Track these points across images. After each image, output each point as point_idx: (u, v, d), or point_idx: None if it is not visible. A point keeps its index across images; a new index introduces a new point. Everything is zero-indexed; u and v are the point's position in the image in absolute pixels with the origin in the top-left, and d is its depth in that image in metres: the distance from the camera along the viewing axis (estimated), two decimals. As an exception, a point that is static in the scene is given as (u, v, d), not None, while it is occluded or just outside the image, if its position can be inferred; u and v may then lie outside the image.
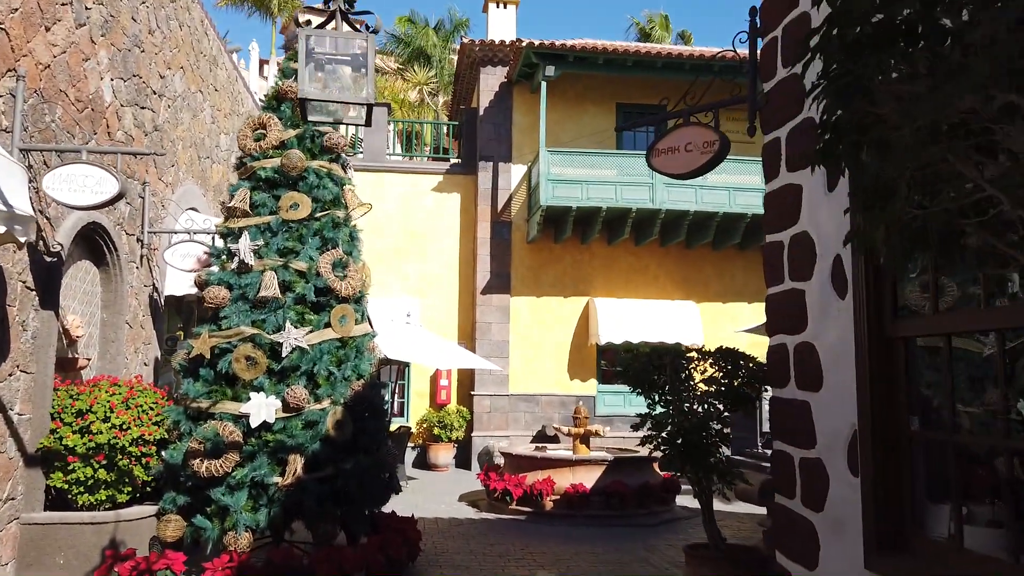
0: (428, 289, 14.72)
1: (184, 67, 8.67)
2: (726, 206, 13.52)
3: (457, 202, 15.08)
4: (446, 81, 21.90)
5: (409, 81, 22.61)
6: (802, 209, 3.77)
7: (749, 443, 14.40)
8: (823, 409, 3.52)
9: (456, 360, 11.24)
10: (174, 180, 8.51)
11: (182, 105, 8.71)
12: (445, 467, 13.66)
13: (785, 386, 3.88)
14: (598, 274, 14.74)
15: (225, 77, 10.92)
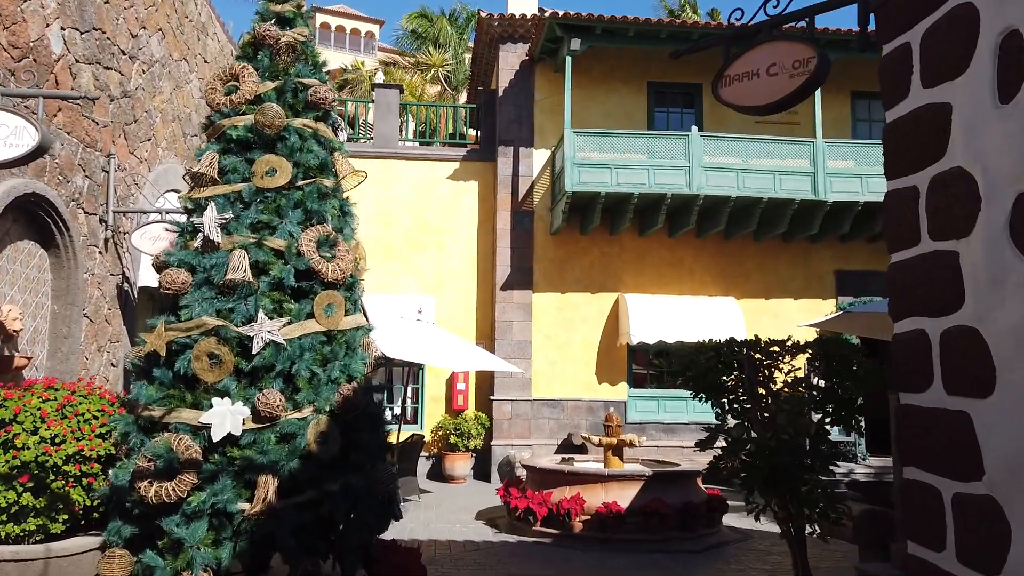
0: (443, 285, 13.70)
1: (164, 30, 7.73)
2: (771, 191, 12.34)
3: (475, 191, 14.05)
4: (462, 78, 20.94)
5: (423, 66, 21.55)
6: (952, 137, 2.66)
7: (796, 453, 13.16)
8: (995, 423, 2.41)
9: (474, 361, 10.18)
10: (151, 156, 7.56)
11: (161, 72, 7.76)
12: (462, 479, 12.61)
13: (924, 390, 2.77)
14: (628, 268, 13.61)
15: (217, 49, 9.99)
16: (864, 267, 13.93)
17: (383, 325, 9.61)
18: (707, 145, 12.40)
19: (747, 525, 9.25)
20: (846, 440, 12.92)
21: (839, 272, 13.90)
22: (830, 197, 12.34)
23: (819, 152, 12.49)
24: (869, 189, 12.50)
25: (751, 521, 9.49)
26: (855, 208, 12.49)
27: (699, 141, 12.36)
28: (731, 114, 13.37)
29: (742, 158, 12.43)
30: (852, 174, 12.54)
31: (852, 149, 12.70)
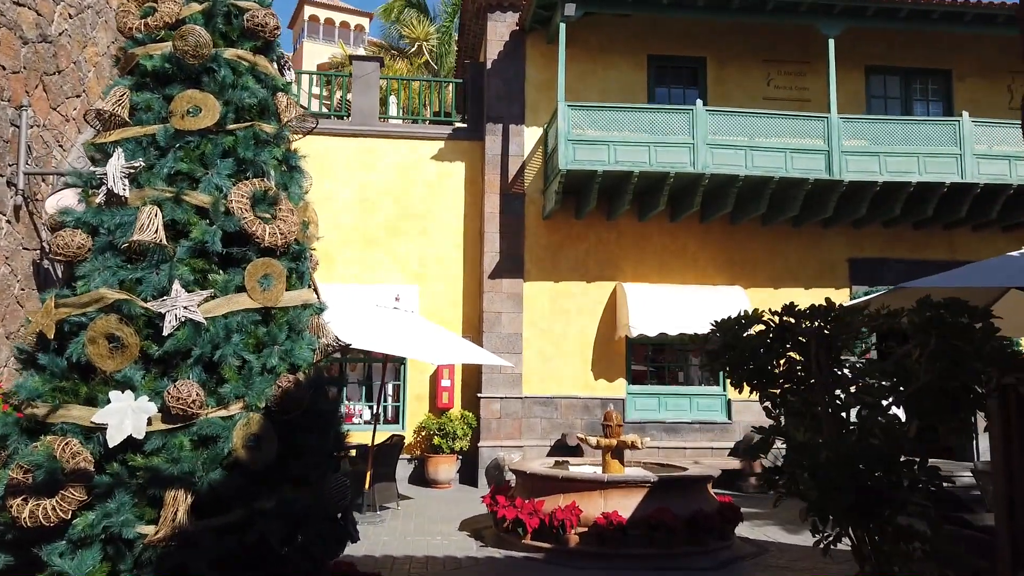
0: (427, 274, 12.76)
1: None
2: (782, 170, 11.44)
3: (461, 172, 13.10)
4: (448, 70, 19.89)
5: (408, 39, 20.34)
6: None
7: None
8: None
9: (459, 354, 9.23)
10: (81, 115, 6.56)
11: (96, 21, 6.77)
12: (446, 483, 11.67)
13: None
14: (627, 255, 12.70)
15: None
16: (879, 254, 13.07)
17: (357, 315, 8.67)
18: (713, 121, 11.50)
19: (762, 536, 8.36)
20: (862, 440, 12.02)
21: (853, 260, 13.03)
22: (846, 177, 11.45)
23: (834, 128, 11.60)
24: (887, 168, 11.63)
25: (765, 532, 8.64)
26: (873, 189, 11.61)
27: (704, 116, 11.46)
28: (737, 92, 12.47)
29: (750, 135, 11.53)
30: (869, 152, 11.66)
31: (869, 126, 11.82)
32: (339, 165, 12.81)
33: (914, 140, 11.73)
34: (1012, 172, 11.75)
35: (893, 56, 13.37)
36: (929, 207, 11.90)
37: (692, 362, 12.96)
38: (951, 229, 13.11)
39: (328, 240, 12.65)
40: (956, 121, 11.84)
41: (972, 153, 11.73)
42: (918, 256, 13.05)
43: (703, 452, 12.27)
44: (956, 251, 13.10)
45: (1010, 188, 11.67)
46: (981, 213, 12.21)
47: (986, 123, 11.90)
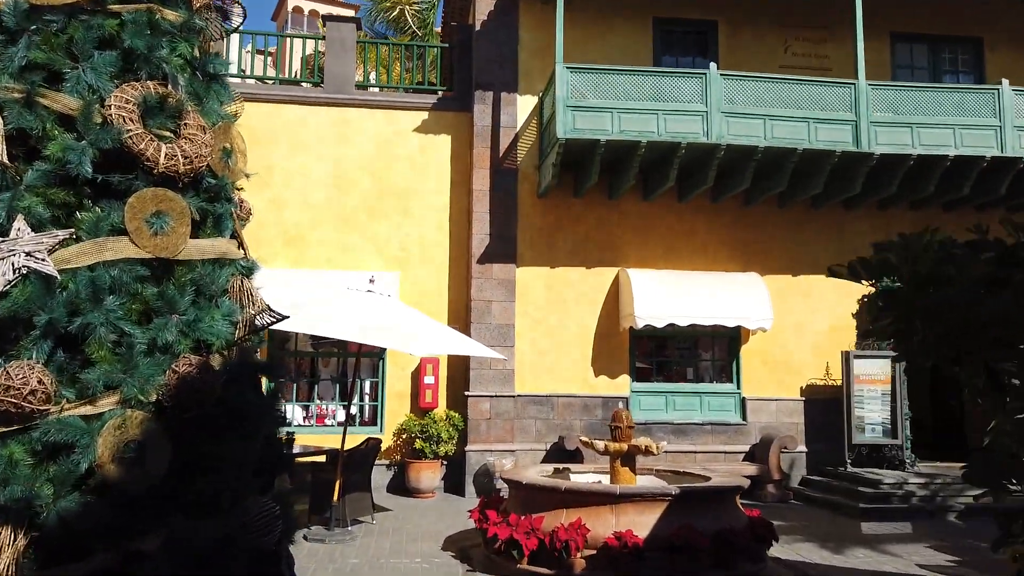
0: (410, 259, 11.59)
1: None
2: (805, 142, 10.35)
3: (447, 146, 11.95)
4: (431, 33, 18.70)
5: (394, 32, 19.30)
6: None
7: (830, 458, 11.24)
8: None
9: (445, 345, 8.00)
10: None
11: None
12: (429, 492, 10.51)
13: None
14: (631, 238, 11.59)
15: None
16: (907, 239, 11.98)
17: (326, 299, 7.51)
18: (728, 87, 10.40)
19: (795, 555, 7.26)
20: (891, 443, 11.00)
21: (878, 245, 11.90)
22: (876, 149, 10.38)
23: (862, 96, 10.53)
24: (921, 141, 10.56)
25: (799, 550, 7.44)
26: (906, 163, 10.55)
27: (719, 81, 10.35)
28: (751, 61, 11.39)
29: (768, 104, 10.43)
30: (901, 123, 10.59)
31: (899, 94, 10.75)
32: (311, 137, 11.63)
33: (948, 111, 10.68)
34: (1057, 146, 10.72)
35: (920, 23, 12.33)
36: (966, 185, 10.86)
37: (703, 357, 11.85)
38: (984, 211, 12.08)
39: (299, 220, 11.50)
40: (995, 89, 10.80)
41: (1013, 125, 10.69)
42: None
43: (715, 456, 11.17)
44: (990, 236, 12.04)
45: (1056, 163, 10.65)
46: (1021, 192, 11.18)
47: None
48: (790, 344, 11.62)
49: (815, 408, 11.48)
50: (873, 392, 11.09)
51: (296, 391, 11.40)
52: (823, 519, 9.29)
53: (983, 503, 10.08)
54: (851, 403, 10.97)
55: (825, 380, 11.59)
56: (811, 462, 11.38)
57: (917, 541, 8.02)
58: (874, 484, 10.06)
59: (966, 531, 8.67)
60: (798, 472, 11.32)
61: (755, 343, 11.55)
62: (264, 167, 11.45)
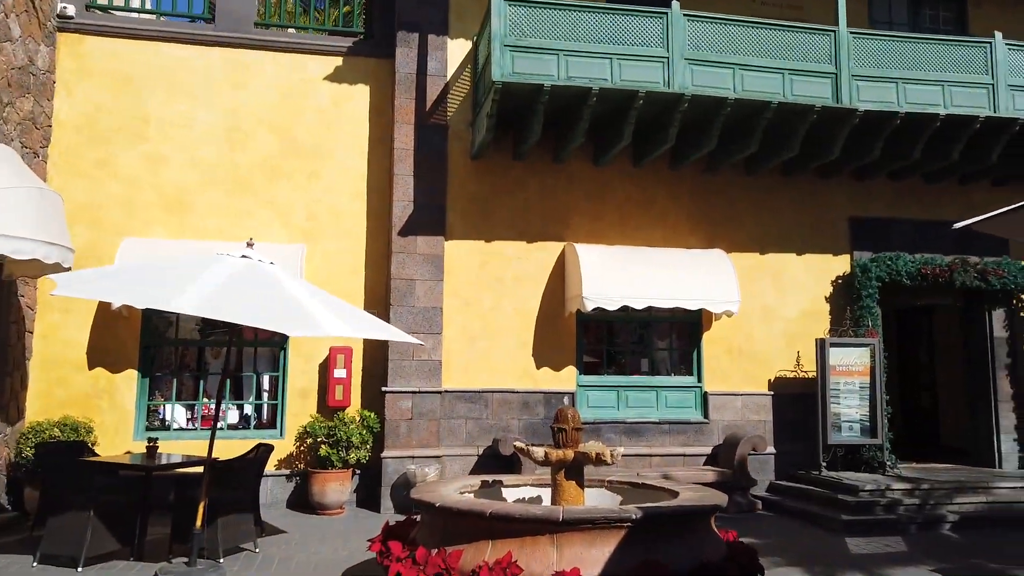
0: (319, 230, 9.95)
1: None
2: (780, 95, 9.10)
3: (365, 97, 10.33)
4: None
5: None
6: None
7: (802, 460, 10.07)
8: None
9: (355, 326, 6.32)
10: None
11: None
12: (337, 508, 8.91)
13: None
14: (580, 208, 10.20)
15: None
16: (886, 213, 10.97)
17: (187, 268, 5.85)
18: (693, 31, 9.07)
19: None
20: (870, 442, 9.88)
21: (854, 219, 10.86)
22: (859, 106, 9.21)
23: (843, 45, 9.34)
24: (907, 99, 9.44)
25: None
26: (891, 123, 9.40)
27: (682, 23, 9.01)
28: (718, 4, 10.05)
29: (739, 52, 9.16)
30: (886, 78, 9.44)
31: (884, 46, 9.59)
32: (199, 82, 9.86)
33: (936, 65, 9.59)
34: (1053, 108, 9.75)
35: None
36: (955, 150, 9.79)
37: (660, 346, 10.54)
38: (967, 184, 11.11)
39: (182, 182, 9.71)
40: (987, 43, 9.76)
41: (1007, 84, 9.67)
42: (930, 216, 10.98)
43: (673, 460, 9.89)
44: (974, 211, 10.96)
45: (1054, 126, 9.67)
46: (1013, 160, 10.20)
47: (1021, 47, 9.87)
48: (758, 331, 10.41)
49: (785, 403, 10.30)
50: (850, 385, 9.96)
51: (178, 387, 9.63)
52: (801, 534, 8.06)
53: (978, 511, 9.12)
54: (826, 398, 9.81)
55: (796, 372, 10.42)
56: (781, 465, 10.19)
57: (916, 562, 6.83)
58: (854, 491, 8.90)
59: (967, 546, 7.54)
60: (766, 476, 10.12)
61: (719, 330, 10.30)
62: (138, 117, 9.68)
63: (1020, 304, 10.92)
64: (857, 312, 10.34)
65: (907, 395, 13.93)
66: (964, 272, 10.54)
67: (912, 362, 14.06)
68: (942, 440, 12.94)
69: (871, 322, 10.26)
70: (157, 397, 9.58)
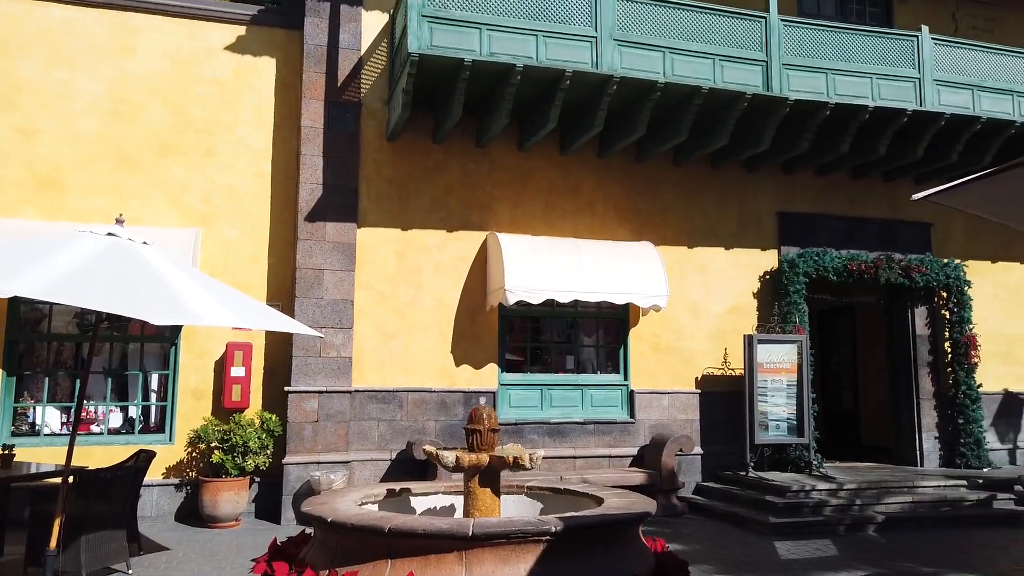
0: (215, 213, 9.10)
1: None
2: (711, 81, 8.81)
3: (271, 70, 9.53)
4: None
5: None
6: None
7: (729, 460, 9.84)
8: None
9: (240, 315, 5.60)
10: None
11: None
12: (232, 520, 8.11)
13: None
14: (503, 195, 9.68)
15: None
16: (812, 208, 10.86)
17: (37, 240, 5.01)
18: (623, 10, 8.68)
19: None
20: (797, 442, 9.72)
21: (782, 214, 10.71)
22: (790, 95, 9.01)
23: (774, 33, 9.14)
24: (837, 90, 9.31)
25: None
26: (821, 114, 9.24)
27: (611, 2, 8.61)
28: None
29: (670, 35, 8.83)
30: (816, 69, 9.29)
31: (814, 35, 9.43)
32: (79, 47, 8.87)
33: (865, 57, 9.51)
34: (976, 105, 9.81)
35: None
36: (882, 144, 9.73)
37: (586, 342, 10.12)
38: (892, 180, 11.14)
39: (58, 157, 8.69)
40: (914, 36, 9.74)
41: (933, 78, 9.67)
42: (856, 212, 10.96)
43: (598, 462, 9.49)
44: (898, 208, 11.14)
45: (976, 123, 9.71)
46: (938, 155, 10.23)
47: (948, 42, 9.90)
48: (685, 328, 10.12)
49: (713, 402, 10.05)
50: (778, 383, 9.77)
51: (51, 387, 8.62)
52: (730, 538, 7.75)
53: (903, 512, 9.05)
54: (754, 396, 9.59)
55: (724, 370, 10.18)
56: (708, 465, 9.93)
57: (847, 567, 6.58)
58: (782, 492, 8.68)
59: (895, 549, 7.37)
60: (693, 478, 9.84)
61: (646, 326, 9.96)
62: (9, 83, 8.62)
63: (942, 302, 11.00)
64: (784, 308, 10.19)
65: (829, 394, 14.00)
66: (889, 268, 10.53)
67: (834, 361, 14.14)
68: (863, 439, 13.02)
69: (798, 318, 10.11)
70: (26, 398, 8.54)
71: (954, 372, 10.78)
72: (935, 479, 9.37)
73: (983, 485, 9.46)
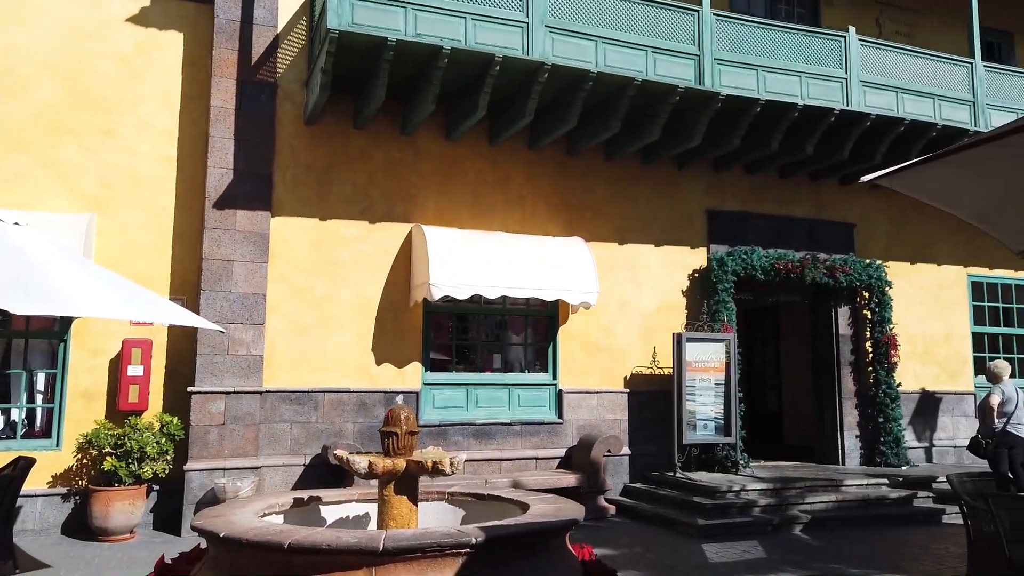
0: (114, 198, 8.40)
1: None
2: (643, 73, 8.64)
3: (178, 46, 8.87)
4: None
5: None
6: None
7: (658, 460, 9.71)
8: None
9: (124, 306, 5.07)
10: None
11: None
12: (126, 533, 7.45)
13: None
14: (429, 186, 9.28)
15: None
16: (741, 207, 10.85)
17: None
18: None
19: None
20: (725, 441, 9.66)
21: (712, 212, 10.66)
22: (721, 90, 8.92)
23: (706, 27, 9.04)
24: (767, 87, 9.29)
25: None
26: (752, 110, 9.20)
27: (543, -13, 8.33)
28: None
29: (601, 25, 8.62)
30: (747, 65, 9.25)
31: (745, 31, 9.40)
32: (-43, 10, 8.03)
33: (795, 56, 9.54)
34: (900, 107, 9.97)
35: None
36: (810, 143, 9.77)
37: (514, 340, 9.82)
38: (819, 181, 11.25)
39: (-70, 132, 7.87)
40: (842, 36, 9.83)
41: (859, 79, 9.78)
42: (784, 212, 11.02)
43: (525, 464, 9.20)
44: (823, 209, 11.26)
45: (901, 124, 9.87)
46: (863, 156, 10.36)
47: (874, 44, 10.03)
48: (615, 325, 9.94)
49: (642, 402, 9.90)
50: (706, 381, 9.69)
51: (-81, 389, 7.77)
52: (658, 541, 7.57)
53: (828, 511, 9.09)
54: (682, 395, 9.47)
55: (653, 368, 10.04)
56: (636, 466, 9.76)
57: (776, 570, 6.47)
58: (710, 493, 8.58)
59: (822, 549, 7.33)
60: (621, 479, 9.66)
61: (575, 324, 9.72)
62: None
63: (864, 302, 11.16)
64: (713, 307, 10.13)
65: (754, 394, 14.11)
66: (815, 268, 10.61)
67: (759, 361, 14.26)
68: (786, 438, 13.14)
69: (727, 317, 10.06)
70: None
71: (875, 371, 10.95)
72: (858, 478, 9.45)
73: (903, 483, 9.60)
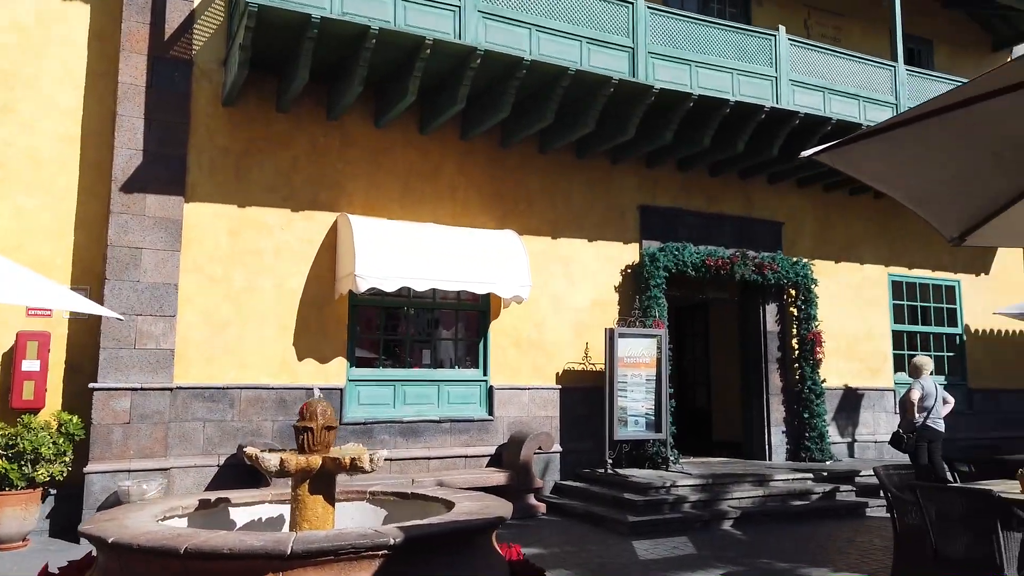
0: (9, 179, 7.77)
1: None
2: (577, 63, 8.51)
3: (84, 17, 8.28)
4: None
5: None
6: None
7: (589, 457, 9.61)
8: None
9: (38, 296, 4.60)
10: None
11: None
12: (18, 540, 6.86)
13: None
14: (356, 173, 8.94)
15: None
16: (673, 203, 10.87)
17: None
18: (486, -18, 8.21)
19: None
20: (655, 437, 9.63)
21: (644, 208, 10.64)
22: (655, 83, 8.88)
23: (641, 20, 9.00)
24: (700, 83, 9.31)
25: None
26: (685, 105, 9.18)
27: (477, -29, 8.11)
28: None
29: (535, 13, 8.46)
30: (680, 60, 9.24)
31: (679, 26, 9.40)
32: None
33: (727, 53, 9.60)
34: (827, 106, 10.15)
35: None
36: (740, 140, 9.84)
37: (444, 335, 9.56)
38: (748, 179, 11.37)
39: None
40: (772, 35, 9.94)
41: (788, 78, 9.91)
42: (715, 209, 11.09)
43: (454, 462, 8.95)
44: (752, 206, 11.39)
45: (828, 123, 10.03)
46: (792, 154, 10.49)
47: (802, 44, 10.18)
48: (548, 321, 9.80)
49: (574, 398, 9.78)
50: (637, 377, 9.64)
51: None
52: (589, 539, 7.44)
53: (756, 506, 9.17)
54: (614, 391, 9.40)
55: (585, 364, 9.94)
56: (568, 463, 9.63)
57: (706, 565, 6.42)
58: (642, 490, 8.51)
59: (751, 543, 7.34)
60: (552, 476, 9.51)
61: (507, 319, 9.53)
62: None
63: (791, 299, 11.34)
64: (645, 302, 10.09)
65: (684, 390, 14.23)
66: (744, 265, 10.70)
67: (688, 358, 14.39)
68: (715, 434, 13.28)
69: (658, 313, 10.05)
70: None
71: (801, 368, 11.13)
72: (784, 473, 9.56)
73: (827, 478, 9.76)
